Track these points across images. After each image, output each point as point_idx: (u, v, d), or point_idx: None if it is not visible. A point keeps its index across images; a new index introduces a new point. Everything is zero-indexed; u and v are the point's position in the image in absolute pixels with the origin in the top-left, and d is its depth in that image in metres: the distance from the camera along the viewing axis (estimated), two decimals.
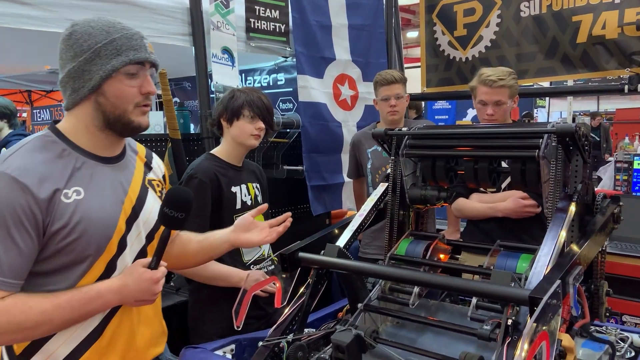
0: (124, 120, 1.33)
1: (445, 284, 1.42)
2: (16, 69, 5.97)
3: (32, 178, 1.21)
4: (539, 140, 1.48)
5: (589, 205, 1.61)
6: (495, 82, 2.35)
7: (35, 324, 1.22)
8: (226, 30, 3.11)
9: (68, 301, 1.24)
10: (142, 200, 1.42)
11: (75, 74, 1.29)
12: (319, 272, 1.62)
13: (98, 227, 1.29)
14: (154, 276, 1.31)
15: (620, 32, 3.11)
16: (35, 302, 1.22)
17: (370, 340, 1.38)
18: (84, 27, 1.29)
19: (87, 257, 1.28)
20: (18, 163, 1.22)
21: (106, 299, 1.29)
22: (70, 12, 2.49)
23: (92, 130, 1.33)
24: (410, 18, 14.72)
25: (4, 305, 1.19)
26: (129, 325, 1.39)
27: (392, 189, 1.83)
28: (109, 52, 1.28)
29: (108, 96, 1.30)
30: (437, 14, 4.00)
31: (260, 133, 2.17)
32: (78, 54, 1.28)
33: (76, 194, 1.27)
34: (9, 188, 1.19)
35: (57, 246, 1.24)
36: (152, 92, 1.35)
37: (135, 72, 1.31)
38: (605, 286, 1.66)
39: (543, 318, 1.08)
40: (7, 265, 1.19)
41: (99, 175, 1.33)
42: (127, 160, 1.44)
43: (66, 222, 1.24)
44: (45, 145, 1.29)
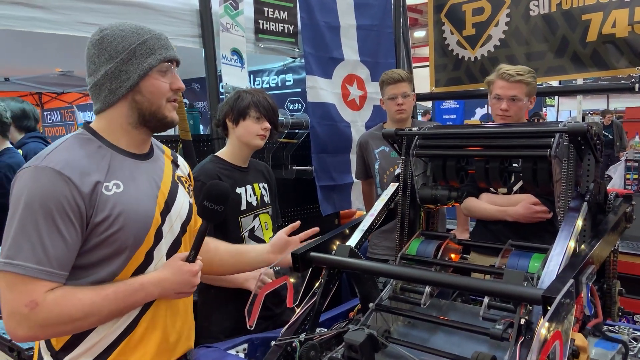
0: (159, 116, 1.40)
1: (457, 283, 1.42)
2: (27, 71, 6.04)
3: (75, 171, 1.26)
4: (551, 140, 1.48)
5: (601, 205, 1.61)
6: (512, 77, 2.32)
7: (84, 315, 1.26)
8: (235, 31, 3.12)
9: (114, 293, 1.29)
10: (174, 194, 1.48)
11: (112, 75, 1.35)
12: (330, 272, 1.62)
13: (137, 219, 1.34)
14: (192, 269, 1.37)
15: (630, 30, 3.09)
16: (83, 294, 1.26)
17: (383, 339, 1.39)
18: (114, 31, 1.36)
19: (126, 248, 1.33)
20: (60, 157, 1.27)
21: (148, 290, 1.34)
22: (81, 15, 2.51)
23: (126, 128, 1.40)
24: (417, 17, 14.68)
25: (54, 297, 1.22)
26: (162, 319, 1.44)
27: (402, 189, 1.83)
28: (143, 51, 1.35)
29: (144, 93, 1.37)
30: (446, 13, 3.99)
31: (266, 133, 2.18)
32: (113, 55, 1.34)
33: (116, 187, 1.32)
34: (54, 181, 1.23)
35: (100, 238, 1.29)
36: (182, 88, 1.43)
37: (166, 70, 1.39)
38: (617, 285, 1.66)
39: (556, 317, 1.08)
40: (54, 256, 1.22)
41: (134, 170, 1.39)
42: (157, 157, 1.50)
43: (108, 214, 1.28)
44: (82, 142, 1.35)
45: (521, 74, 2.33)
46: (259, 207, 2.23)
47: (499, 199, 2.39)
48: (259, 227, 2.21)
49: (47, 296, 1.22)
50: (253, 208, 2.19)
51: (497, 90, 2.37)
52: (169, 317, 1.45)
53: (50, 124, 9.21)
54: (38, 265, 1.21)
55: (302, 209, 3.70)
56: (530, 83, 2.35)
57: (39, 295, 1.21)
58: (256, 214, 2.21)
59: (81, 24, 2.51)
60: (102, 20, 2.59)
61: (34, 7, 2.40)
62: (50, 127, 9.28)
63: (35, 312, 1.20)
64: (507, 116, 2.35)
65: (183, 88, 1.44)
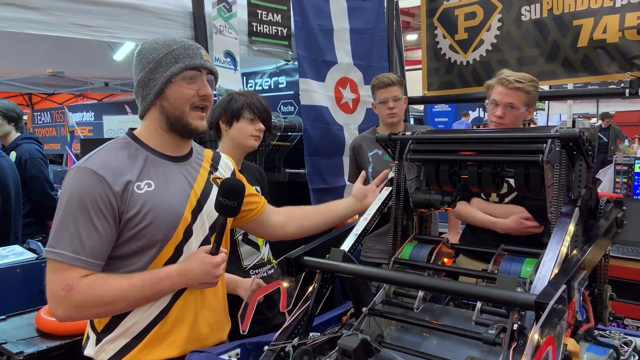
0: (182, 122, 1.52)
1: (450, 288, 1.43)
2: (17, 71, 5.99)
3: (109, 171, 1.42)
4: (543, 145, 1.49)
5: (593, 210, 1.62)
6: (511, 83, 2.22)
7: (114, 299, 1.41)
8: (229, 34, 3.12)
9: (141, 280, 1.43)
10: (207, 194, 1.60)
11: (143, 83, 1.51)
12: (324, 277, 1.62)
13: (166, 215, 1.47)
14: (214, 260, 1.49)
15: (621, 36, 3.13)
16: (113, 280, 1.41)
17: (376, 344, 1.39)
18: (151, 43, 1.51)
19: (156, 242, 1.47)
20: (97, 159, 1.44)
21: (173, 280, 1.47)
22: (74, 17, 2.50)
23: (160, 132, 1.54)
24: (409, 21, 14.77)
25: (87, 282, 1.38)
26: (193, 307, 1.56)
27: (396, 193, 1.83)
28: (168, 61, 1.48)
29: (169, 98, 1.50)
30: (438, 17, 4.01)
31: (260, 134, 2.19)
32: (145, 66, 1.49)
33: (147, 186, 1.47)
34: (90, 180, 1.40)
35: (132, 232, 1.44)
36: (209, 94, 1.54)
37: (192, 77, 1.50)
38: (609, 290, 1.67)
39: (549, 323, 1.08)
40: (89, 246, 1.38)
41: (168, 171, 1.53)
42: (194, 160, 1.64)
43: (138, 210, 1.43)
44: (121, 145, 1.52)
45: (521, 81, 2.23)
46: None
47: (490, 207, 2.37)
48: None
49: (81, 281, 1.37)
50: None
51: (494, 95, 2.28)
52: (200, 306, 1.58)
53: (41, 124, 9.14)
54: (74, 254, 1.37)
55: None
56: (530, 92, 2.25)
57: (74, 280, 1.37)
58: None
59: (73, 25, 2.50)
60: (95, 22, 2.58)
61: (26, 8, 2.39)
62: (40, 128, 9.21)
63: (71, 294, 1.36)
64: (501, 124, 2.27)
65: (210, 94, 1.53)
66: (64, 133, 8.47)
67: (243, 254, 2.17)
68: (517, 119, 2.28)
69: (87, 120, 9.86)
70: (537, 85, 2.31)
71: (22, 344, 2.12)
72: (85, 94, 9.52)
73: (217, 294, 1.68)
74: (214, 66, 1.57)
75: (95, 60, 5.10)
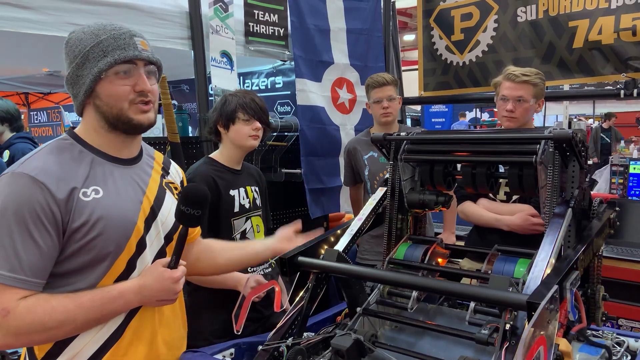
0: (123, 119, 1.34)
1: (443, 288, 1.43)
2: (14, 70, 5.97)
3: (50, 177, 1.24)
4: (537, 146, 1.49)
5: (586, 210, 1.63)
6: (518, 77, 2.29)
7: (59, 324, 1.23)
8: (225, 34, 3.12)
9: (90, 300, 1.26)
10: (160, 200, 1.44)
11: (71, 80, 1.33)
12: (318, 276, 1.62)
13: (117, 224, 1.31)
14: (173, 275, 1.33)
15: (616, 37, 3.14)
16: (58, 302, 1.23)
17: (370, 344, 1.39)
18: (78, 33, 1.33)
19: (107, 255, 1.30)
20: (36, 164, 1.25)
21: (127, 298, 1.31)
22: (70, 16, 2.50)
23: (101, 132, 1.36)
24: (407, 21, 14.78)
25: (27, 305, 1.20)
26: (150, 326, 1.40)
27: (390, 194, 1.84)
28: (95, 54, 1.29)
29: (102, 97, 1.32)
30: (435, 18, 4.02)
31: (258, 133, 2.18)
32: (72, 60, 1.31)
33: (95, 192, 1.29)
34: (28, 187, 1.21)
35: (78, 244, 1.26)
36: (146, 90, 1.34)
37: (126, 71, 1.31)
38: (601, 291, 1.68)
39: (541, 323, 1.09)
40: (28, 263, 1.20)
41: (116, 175, 1.36)
42: (144, 162, 1.47)
43: (86, 220, 1.26)
44: (62, 147, 1.33)
45: (527, 74, 2.31)
46: (251, 210, 2.23)
47: (497, 206, 2.38)
48: (250, 230, 2.22)
49: (19, 304, 1.19)
50: (245, 210, 2.19)
51: (503, 90, 2.34)
52: (158, 324, 1.42)
53: (37, 124, 9.13)
54: (11, 272, 1.18)
55: (291, 212, 3.70)
56: (537, 85, 2.32)
57: (10, 303, 1.18)
58: (248, 216, 2.21)
59: (69, 24, 2.49)
60: (90, 22, 2.57)
61: (22, 7, 2.38)
62: (37, 127, 9.19)
63: (7, 319, 1.18)
64: (513, 117, 2.32)
65: (148, 89, 1.34)
66: (60, 132, 8.45)
67: None
68: (527, 112, 2.33)
69: None
70: (543, 78, 2.38)
71: None
72: None
73: (174, 309, 1.51)
74: (152, 55, 1.36)
75: None
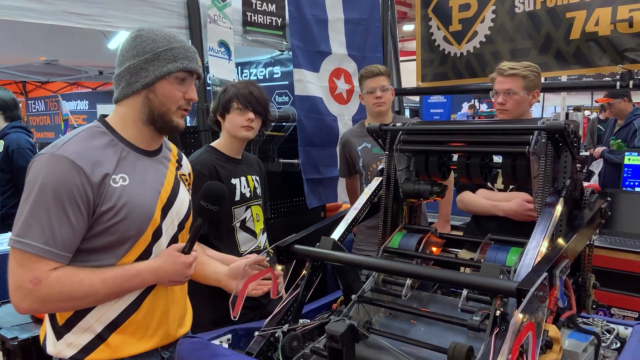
0: (165, 118, 1.50)
1: (436, 276, 1.46)
2: (11, 59, 5.96)
3: (87, 162, 1.36)
4: (530, 137, 1.51)
5: (577, 200, 1.65)
6: (506, 71, 2.38)
7: (84, 295, 1.37)
8: (223, 23, 3.12)
9: (113, 277, 1.41)
10: (176, 191, 1.58)
11: (134, 70, 1.46)
12: (314, 264, 1.65)
13: (139, 211, 1.44)
14: (186, 260, 1.49)
15: (613, 29, 3.15)
16: (84, 275, 1.37)
17: (364, 330, 1.42)
18: (149, 33, 1.49)
19: (128, 238, 1.44)
20: (74, 148, 1.37)
21: (144, 277, 1.46)
22: (68, 5, 2.50)
23: (138, 123, 1.51)
24: (406, 11, 14.72)
25: (57, 276, 1.33)
26: (163, 303, 1.55)
27: (386, 184, 1.86)
28: (167, 57, 1.47)
29: (158, 94, 1.48)
30: (433, 9, 4.02)
31: (252, 124, 2.17)
32: (140, 53, 1.46)
33: (122, 180, 1.43)
34: (67, 169, 1.33)
35: (104, 225, 1.40)
36: (194, 99, 1.54)
37: (184, 79, 1.50)
38: (592, 279, 1.70)
39: (530, 309, 1.11)
40: (61, 239, 1.33)
41: (141, 166, 1.50)
42: (164, 155, 1.61)
43: (113, 204, 1.39)
44: (96, 134, 1.46)
45: (515, 67, 2.38)
46: (252, 199, 2.25)
47: (495, 195, 2.42)
48: (250, 219, 2.24)
49: (50, 274, 1.32)
50: (246, 199, 2.21)
51: (495, 85, 2.45)
52: (170, 302, 1.57)
53: (35, 113, 9.10)
54: (45, 245, 1.31)
55: (289, 202, 3.72)
56: (527, 76, 2.37)
57: (42, 273, 1.31)
58: (248, 205, 2.23)
59: (67, 13, 2.50)
60: (89, 10, 2.58)
61: None
62: (34, 117, 9.17)
63: (38, 288, 1.31)
64: (504, 110, 2.40)
65: (195, 99, 1.54)
66: (58, 121, 8.43)
67: (240, 240, 2.19)
68: (519, 104, 2.40)
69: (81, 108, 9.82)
70: (535, 71, 2.42)
71: (17, 330, 2.15)
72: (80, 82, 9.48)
73: (183, 289, 1.68)
74: (202, 73, 1.58)
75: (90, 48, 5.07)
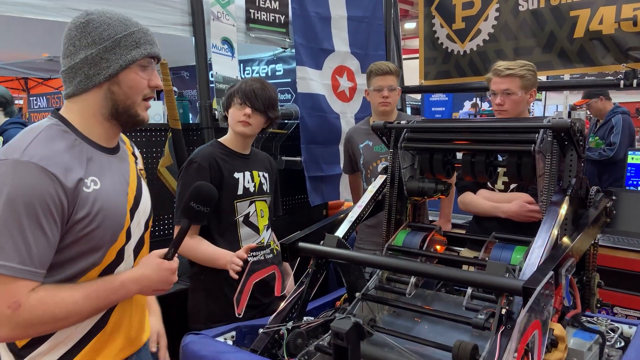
0: (131, 112, 1.36)
1: (441, 274, 1.46)
2: (13, 55, 5.95)
3: (59, 167, 1.21)
4: (535, 135, 1.51)
5: (583, 199, 1.65)
6: (502, 71, 2.36)
7: (67, 315, 1.24)
8: (226, 20, 3.12)
9: (95, 291, 1.27)
10: (140, 190, 1.45)
11: (92, 61, 1.30)
12: (318, 262, 1.65)
13: (114, 216, 1.32)
14: (171, 266, 1.37)
15: (617, 27, 3.14)
16: (66, 293, 1.23)
17: (368, 328, 1.42)
18: (101, 17, 1.32)
19: (102, 245, 1.31)
20: (42, 152, 1.21)
21: (128, 289, 1.34)
22: (71, 1, 2.50)
23: (100, 119, 1.35)
24: (408, 9, 14.69)
25: (37, 297, 1.19)
26: (128, 313, 1.44)
27: (390, 181, 1.86)
28: (128, 43, 1.31)
29: (122, 85, 1.33)
30: (436, 6, 4.01)
31: (249, 120, 2.14)
32: (97, 41, 1.29)
33: (94, 183, 1.29)
34: (38, 178, 1.18)
35: (78, 235, 1.25)
36: (160, 86, 1.40)
37: (147, 65, 1.35)
38: (596, 278, 1.70)
39: (536, 308, 1.12)
40: (38, 256, 1.19)
41: (107, 166, 1.36)
42: (122, 150, 1.46)
43: (88, 212, 1.25)
44: (58, 134, 1.29)
45: (511, 67, 2.36)
46: (256, 194, 2.24)
47: (496, 195, 2.41)
48: (254, 214, 2.23)
49: (29, 296, 1.18)
50: (250, 194, 2.21)
51: (492, 86, 2.42)
52: (134, 310, 1.46)
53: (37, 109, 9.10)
54: (22, 265, 1.16)
55: (291, 199, 3.73)
56: (524, 76, 2.36)
57: (22, 296, 1.17)
58: (252, 200, 2.23)
59: (70, 10, 2.49)
60: (92, 7, 2.57)
61: None
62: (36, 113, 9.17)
63: (18, 312, 1.17)
64: (502, 110, 2.39)
65: (161, 86, 1.42)
66: None
67: (242, 235, 2.19)
68: (517, 104, 2.38)
69: None
70: (531, 69, 2.40)
71: None
72: None
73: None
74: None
75: None
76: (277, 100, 2.26)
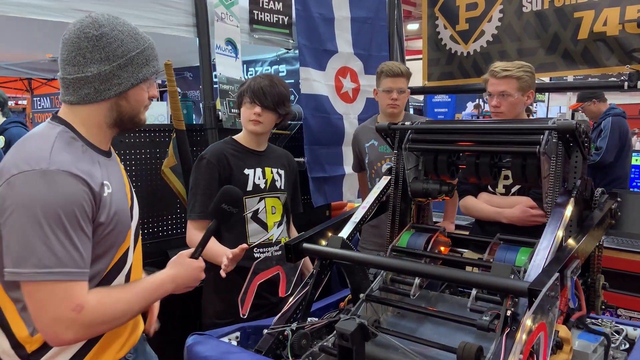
0: (135, 120, 1.42)
1: (446, 275, 1.46)
2: (17, 56, 5.96)
3: (85, 173, 1.26)
4: (540, 137, 1.51)
5: (588, 201, 1.64)
6: (499, 73, 2.33)
7: (122, 313, 1.31)
8: (230, 21, 3.12)
9: (142, 291, 1.36)
10: (131, 188, 1.51)
11: (105, 77, 1.32)
12: (322, 263, 1.65)
13: (124, 217, 1.38)
14: (200, 264, 1.48)
15: (621, 29, 3.13)
16: (118, 293, 1.32)
17: (373, 329, 1.42)
18: (113, 30, 1.33)
19: (114, 246, 1.36)
20: (67, 159, 1.24)
21: (166, 287, 1.41)
22: (75, 2, 2.50)
23: (103, 127, 1.39)
24: (411, 10, 14.66)
25: (96, 299, 1.25)
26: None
27: (394, 182, 1.86)
28: (140, 61, 1.36)
29: (130, 100, 1.37)
30: (440, 7, 4.01)
31: (260, 118, 2.16)
32: (111, 58, 1.31)
33: (107, 187, 1.33)
34: (72, 184, 1.22)
35: (99, 237, 1.30)
36: (156, 96, 1.46)
37: (150, 78, 1.41)
38: (601, 280, 1.70)
39: (541, 309, 1.11)
40: (87, 257, 1.25)
41: (111, 170, 1.40)
42: (113, 154, 1.50)
43: (107, 214, 1.30)
44: (70, 141, 1.31)
45: (508, 69, 2.32)
46: (267, 191, 2.25)
47: (497, 199, 2.40)
48: (263, 210, 2.24)
49: (89, 299, 1.23)
50: (259, 190, 2.22)
51: (488, 87, 2.40)
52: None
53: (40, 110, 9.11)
54: (77, 268, 1.21)
55: None
56: (521, 78, 2.32)
57: (83, 298, 1.22)
58: (262, 196, 2.23)
59: (74, 10, 2.49)
60: (96, 8, 2.58)
61: None
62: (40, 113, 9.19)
63: (82, 314, 1.22)
64: (499, 112, 2.36)
65: (157, 96, 1.47)
66: None
67: (250, 231, 2.20)
68: (513, 106, 2.35)
69: None
70: (529, 70, 2.37)
71: None
72: None
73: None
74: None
75: None
76: (287, 95, 2.25)
